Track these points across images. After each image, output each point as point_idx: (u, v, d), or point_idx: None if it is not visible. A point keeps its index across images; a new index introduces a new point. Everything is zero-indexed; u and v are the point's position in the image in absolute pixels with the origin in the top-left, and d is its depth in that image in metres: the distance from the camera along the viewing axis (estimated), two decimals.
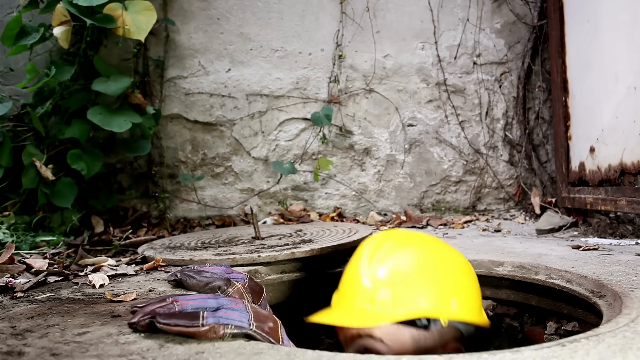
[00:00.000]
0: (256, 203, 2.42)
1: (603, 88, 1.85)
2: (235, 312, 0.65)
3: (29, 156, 1.90)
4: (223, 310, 0.65)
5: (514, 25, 2.46)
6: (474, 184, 2.49)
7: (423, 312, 0.74)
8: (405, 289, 0.74)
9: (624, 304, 0.79)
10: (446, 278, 0.77)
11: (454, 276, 0.78)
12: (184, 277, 0.97)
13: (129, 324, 0.67)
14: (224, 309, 0.65)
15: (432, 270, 0.77)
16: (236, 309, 0.66)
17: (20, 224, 1.86)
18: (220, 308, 0.65)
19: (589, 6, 1.93)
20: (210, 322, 0.62)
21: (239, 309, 0.67)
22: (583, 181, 2.04)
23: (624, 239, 1.68)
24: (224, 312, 0.64)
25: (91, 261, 1.38)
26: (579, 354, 0.52)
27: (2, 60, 2.22)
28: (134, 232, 2.09)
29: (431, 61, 2.46)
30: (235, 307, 0.67)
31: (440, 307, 0.75)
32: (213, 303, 0.67)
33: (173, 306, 0.65)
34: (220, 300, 0.68)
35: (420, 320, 0.75)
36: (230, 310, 0.65)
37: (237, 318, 0.64)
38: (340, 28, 2.43)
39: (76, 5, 1.80)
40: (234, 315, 0.64)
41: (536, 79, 2.46)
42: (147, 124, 2.08)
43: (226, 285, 0.91)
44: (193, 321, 0.61)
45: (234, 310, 0.66)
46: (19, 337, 0.68)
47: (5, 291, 1.05)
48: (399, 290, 0.74)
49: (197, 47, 2.40)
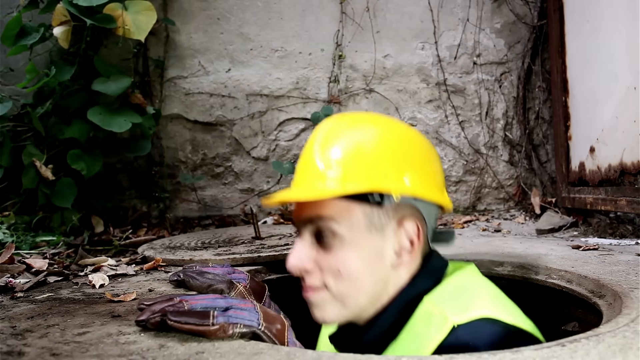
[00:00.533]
0: (256, 203, 2.42)
1: (603, 88, 1.85)
2: (245, 312, 0.66)
3: (29, 156, 1.90)
4: (233, 310, 0.66)
5: (514, 25, 2.46)
6: (474, 184, 2.49)
7: (374, 186, 0.72)
8: (356, 165, 0.72)
9: (624, 304, 0.79)
10: (400, 154, 0.75)
11: (409, 153, 0.76)
12: (186, 277, 0.97)
13: (137, 321, 0.67)
14: (233, 308, 0.66)
15: (386, 146, 0.75)
16: (246, 309, 0.67)
17: (20, 224, 1.86)
18: (230, 308, 0.66)
19: (589, 6, 1.93)
20: (220, 321, 0.63)
21: (249, 308, 0.68)
22: (583, 181, 2.04)
23: (624, 239, 1.68)
24: (233, 312, 0.65)
25: (91, 261, 1.38)
26: (579, 354, 0.52)
27: (2, 60, 2.22)
28: (134, 232, 2.09)
29: (431, 61, 2.46)
30: (244, 306, 0.68)
31: (392, 182, 0.73)
32: (222, 303, 0.68)
33: (182, 305, 0.66)
34: (229, 300, 0.69)
35: (372, 196, 0.73)
36: (240, 309, 0.66)
37: (247, 317, 0.65)
38: (340, 28, 2.43)
39: (76, 5, 1.80)
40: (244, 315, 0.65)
41: (536, 79, 2.46)
42: (147, 124, 2.08)
43: (228, 288, 0.92)
44: (203, 320, 0.62)
45: (244, 309, 0.67)
46: (19, 337, 0.68)
47: (5, 291, 1.05)
48: (351, 166, 0.72)
49: (197, 47, 2.40)
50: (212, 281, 0.93)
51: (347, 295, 0.75)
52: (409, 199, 0.76)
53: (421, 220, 0.78)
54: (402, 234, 0.76)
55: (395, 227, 0.76)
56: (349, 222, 0.73)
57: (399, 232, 0.76)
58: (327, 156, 0.74)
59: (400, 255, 0.76)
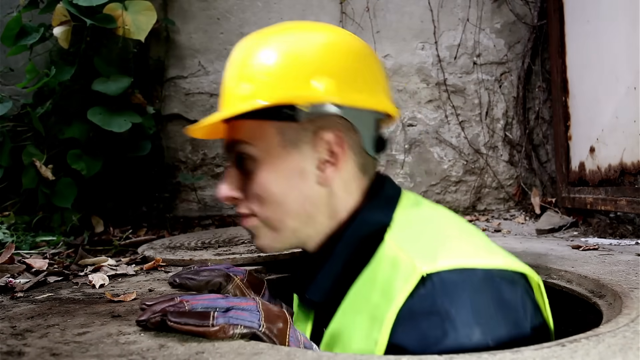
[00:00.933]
0: None
1: (603, 88, 1.85)
2: (246, 312, 0.64)
3: (29, 156, 1.90)
4: (234, 310, 0.63)
5: (514, 25, 2.46)
6: (474, 184, 2.49)
7: (280, 98, 0.67)
8: (264, 79, 0.68)
9: (624, 304, 0.79)
10: (314, 60, 0.68)
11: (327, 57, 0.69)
12: (183, 280, 0.97)
13: (137, 321, 0.67)
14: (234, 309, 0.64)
15: (296, 55, 0.69)
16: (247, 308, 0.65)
17: (20, 224, 1.87)
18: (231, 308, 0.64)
19: (589, 6, 1.93)
20: (220, 322, 0.61)
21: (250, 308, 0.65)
22: (583, 181, 2.04)
23: (624, 239, 1.68)
24: (234, 312, 0.63)
25: (91, 261, 1.38)
26: (579, 354, 0.52)
27: (2, 60, 2.22)
28: (134, 232, 2.09)
29: (431, 61, 2.46)
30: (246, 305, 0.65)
31: (301, 90, 0.67)
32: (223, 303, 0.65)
33: (183, 305, 0.65)
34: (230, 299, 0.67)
35: (283, 110, 0.68)
36: (241, 310, 0.64)
37: (248, 318, 0.63)
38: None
39: (76, 5, 1.80)
40: (244, 315, 0.63)
41: (536, 79, 2.46)
42: (147, 124, 2.08)
43: (225, 281, 0.91)
44: (203, 320, 0.61)
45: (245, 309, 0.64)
46: (19, 337, 0.68)
47: (5, 291, 1.05)
48: (259, 81, 0.68)
49: (197, 47, 2.40)
50: (209, 277, 0.93)
51: (274, 219, 0.72)
52: (329, 107, 0.69)
53: (348, 130, 0.71)
54: (321, 146, 0.70)
55: (313, 140, 0.70)
56: (263, 143, 0.70)
57: (317, 144, 0.70)
58: (238, 74, 0.71)
59: (323, 170, 0.71)
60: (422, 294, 0.59)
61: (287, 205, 0.71)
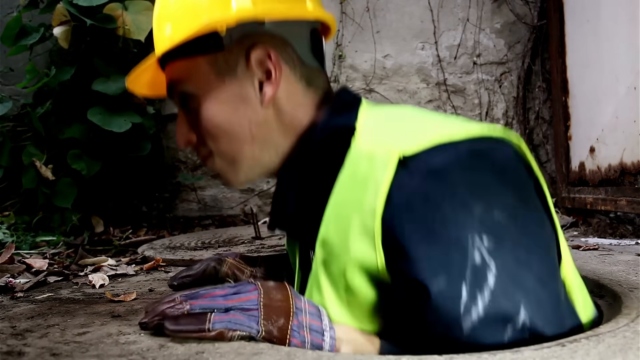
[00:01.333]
0: (256, 203, 2.42)
1: (603, 88, 1.85)
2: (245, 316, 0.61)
3: (29, 156, 1.90)
4: (233, 313, 0.61)
5: (514, 25, 2.46)
6: None
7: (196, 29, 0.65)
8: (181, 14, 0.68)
9: (624, 304, 0.79)
10: None
11: None
12: (180, 281, 0.97)
13: (140, 323, 0.66)
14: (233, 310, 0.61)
15: None
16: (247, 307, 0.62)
17: (20, 224, 1.87)
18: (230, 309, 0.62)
19: (589, 6, 1.93)
20: (217, 328, 0.59)
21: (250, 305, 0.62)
22: (583, 181, 2.04)
23: (624, 239, 1.68)
24: (233, 315, 0.60)
25: (91, 261, 1.38)
26: (579, 354, 0.52)
27: (2, 60, 2.22)
28: (134, 232, 2.09)
29: (431, 61, 2.47)
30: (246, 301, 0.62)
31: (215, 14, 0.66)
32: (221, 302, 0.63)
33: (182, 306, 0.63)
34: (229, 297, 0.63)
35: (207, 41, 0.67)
36: (240, 311, 0.61)
37: (246, 323, 0.60)
38: (340, 28, 2.43)
39: (76, 5, 1.80)
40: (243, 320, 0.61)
41: (536, 79, 2.46)
42: (147, 124, 2.09)
43: (219, 264, 0.92)
44: (199, 325, 0.59)
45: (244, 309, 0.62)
46: (19, 337, 0.68)
47: (5, 291, 1.05)
48: (177, 18, 0.69)
49: None
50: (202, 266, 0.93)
51: (229, 151, 0.71)
52: (253, 27, 0.68)
53: (281, 44, 0.69)
54: (254, 66, 0.68)
55: (245, 63, 0.69)
56: (198, 78, 0.69)
57: (250, 66, 0.68)
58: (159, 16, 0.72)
59: (262, 90, 0.69)
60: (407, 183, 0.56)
61: (238, 134, 0.70)
